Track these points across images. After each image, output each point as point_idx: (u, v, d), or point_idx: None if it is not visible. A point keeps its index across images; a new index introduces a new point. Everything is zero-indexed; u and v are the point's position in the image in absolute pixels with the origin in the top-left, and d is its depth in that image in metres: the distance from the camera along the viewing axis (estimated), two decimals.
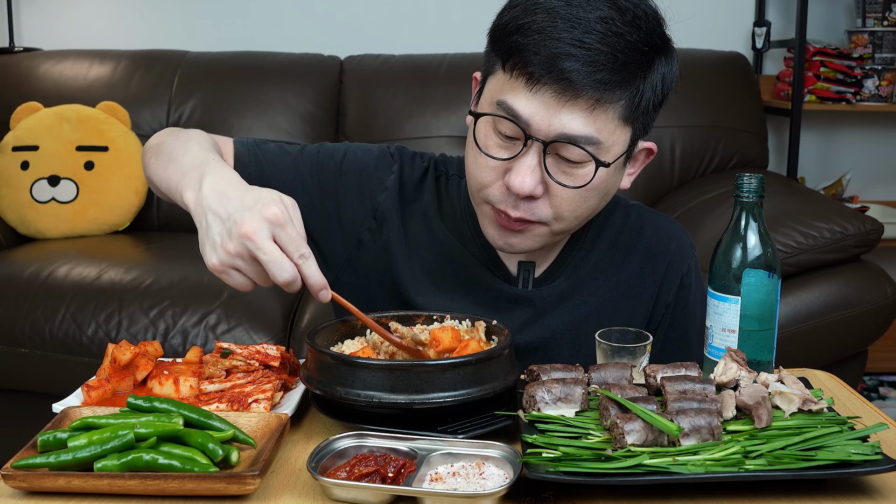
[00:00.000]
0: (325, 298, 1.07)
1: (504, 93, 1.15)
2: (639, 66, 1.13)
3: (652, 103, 1.18)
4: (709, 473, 0.91)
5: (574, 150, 1.14)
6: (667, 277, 1.38)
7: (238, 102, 3.18)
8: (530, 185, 1.15)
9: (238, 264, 1.03)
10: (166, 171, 1.21)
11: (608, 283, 1.36)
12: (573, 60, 1.09)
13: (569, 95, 1.11)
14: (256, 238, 1.01)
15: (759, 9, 3.54)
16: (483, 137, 1.19)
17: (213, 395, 1.13)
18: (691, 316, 1.40)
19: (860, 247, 2.45)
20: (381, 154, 1.38)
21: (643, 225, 1.39)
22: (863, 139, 3.70)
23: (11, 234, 3.00)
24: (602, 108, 1.13)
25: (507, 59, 1.15)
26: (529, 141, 1.14)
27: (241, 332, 2.40)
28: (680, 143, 3.10)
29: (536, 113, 1.12)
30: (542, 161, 1.15)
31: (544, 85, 1.11)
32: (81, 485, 0.92)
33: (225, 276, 1.05)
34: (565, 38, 1.10)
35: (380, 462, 0.95)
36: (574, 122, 1.12)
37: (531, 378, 1.12)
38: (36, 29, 3.60)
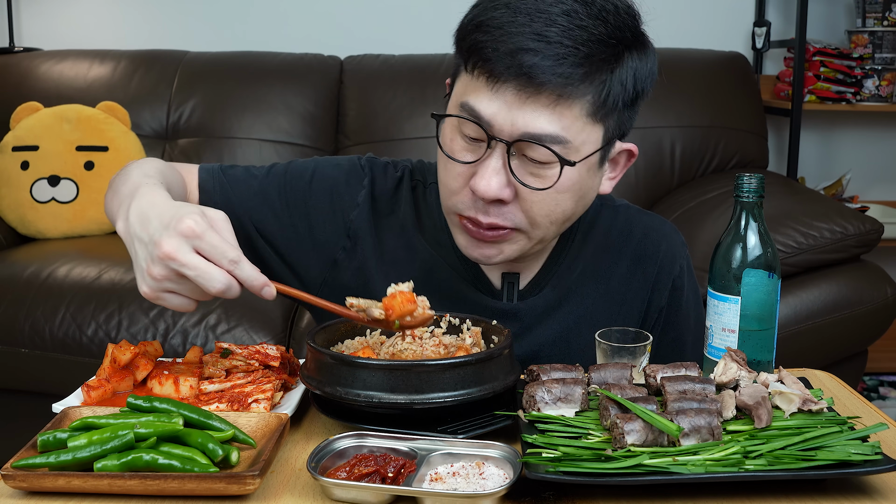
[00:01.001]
0: (270, 295, 1.02)
1: (467, 94, 1.12)
2: (604, 59, 1.09)
3: (622, 100, 1.13)
4: (709, 473, 0.91)
5: (539, 149, 1.10)
6: (658, 281, 1.35)
7: (238, 102, 3.18)
8: (495, 187, 1.11)
9: (168, 286, 1.01)
10: (110, 205, 1.18)
11: (597, 290, 1.33)
12: (533, 54, 1.05)
13: (530, 91, 1.07)
14: (177, 255, 0.97)
15: (759, 9, 3.54)
16: (448, 142, 1.15)
17: (213, 395, 1.13)
18: (684, 317, 1.38)
19: (860, 247, 2.45)
20: (350, 168, 1.33)
21: (631, 227, 1.35)
22: (863, 139, 3.70)
23: (11, 234, 3.00)
24: (566, 103, 1.08)
25: (468, 58, 1.11)
26: (493, 142, 1.10)
27: (241, 332, 2.40)
28: (680, 143, 3.10)
29: (498, 112, 1.09)
30: (507, 163, 1.11)
31: (505, 82, 1.07)
32: (81, 485, 0.92)
33: (160, 301, 1.02)
34: (525, 32, 1.06)
35: (380, 462, 0.95)
36: (538, 120, 1.08)
37: (531, 378, 1.12)
38: (36, 29, 3.60)
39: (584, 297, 1.33)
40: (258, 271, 1.01)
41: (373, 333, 1.21)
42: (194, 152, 3.14)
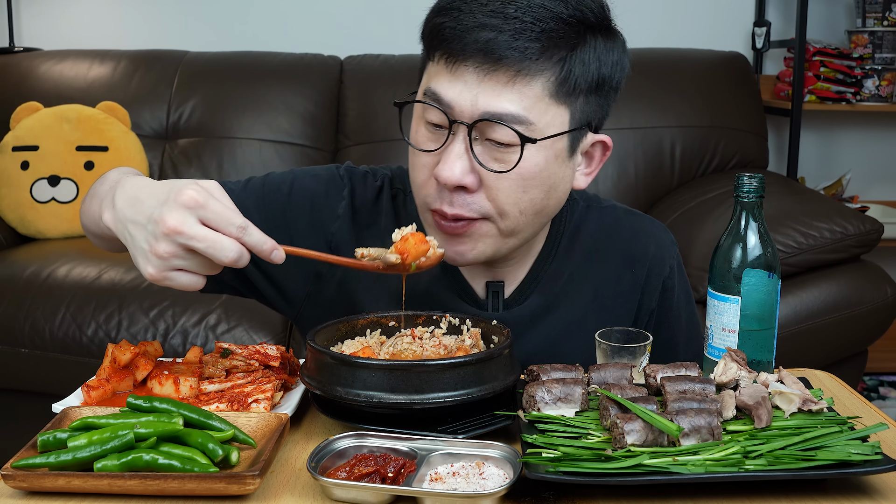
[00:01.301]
0: (280, 258, 1.01)
1: (430, 80, 1.11)
2: (563, 37, 1.09)
3: (585, 82, 1.12)
4: (709, 473, 0.91)
5: (501, 130, 1.08)
6: (648, 284, 1.32)
7: (238, 102, 3.18)
8: (458, 173, 1.09)
9: (176, 264, 0.98)
10: (90, 208, 1.15)
11: (585, 295, 1.30)
12: (488, 30, 1.05)
13: (486, 68, 1.06)
14: (184, 228, 0.94)
15: (759, 9, 3.54)
16: (414, 133, 1.15)
17: (213, 395, 1.13)
18: (675, 318, 1.36)
19: (860, 247, 2.45)
20: (329, 179, 1.30)
21: (619, 228, 1.33)
22: (863, 139, 3.70)
23: (11, 234, 3.00)
24: (524, 80, 1.07)
25: (429, 45, 1.12)
26: (454, 125, 1.09)
27: (241, 332, 2.40)
28: (680, 143, 3.10)
29: (459, 93, 1.08)
30: (469, 147, 1.09)
31: (463, 61, 1.07)
32: (81, 485, 0.92)
33: (167, 281, 0.98)
34: (482, 10, 1.06)
35: (380, 462, 0.95)
36: (498, 99, 1.07)
37: (531, 378, 1.12)
38: (36, 29, 3.60)
39: (571, 303, 1.30)
40: (264, 235, 0.99)
41: (373, 334, 1.21)
42: (194, 152, 3.14)
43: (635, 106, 3.11)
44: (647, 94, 3.12)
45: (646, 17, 3.55)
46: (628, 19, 3.79)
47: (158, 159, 3.16)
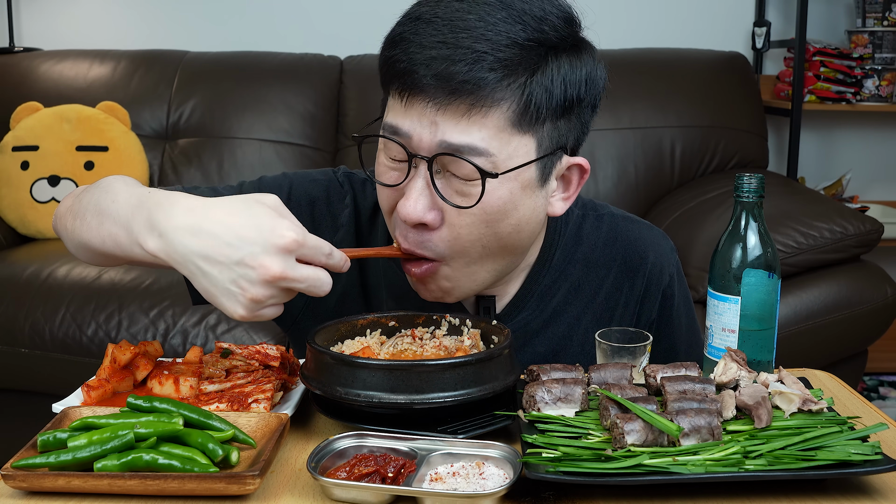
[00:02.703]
0: (347, 266, 1.00)
1: (388, 115, 1.07)
2: (521, 63, 1.02)
3: (548, 108, 1.04)
4: (709, 473, 0.91)
5: (461, 164, 1.03)
6: (647, 294, 1.29)
7: (238, 102, 3.18)
8: (420, 209, 1.04)
9: (271, 303, 0.95)
10: (101, 228, 1.04)
11: (583, 308, 1.27)
12: (442, 61, 1.00)
13: (441, 101, 1.01)
14: (288, 273, 0.92)
15: (759, 9, 3.54)
16: (377, 165, 1.11)
17: (213, 395, 1.13)
18: (676, 326, 1.34)
19: (860, 247, 2.45)
20: (329, 184, 1.26)
21: (616, 237, 1.28)
22: (863, 139, 3.70)
23: (11, 234, 3.00)
24: (481, 111, 1.01)
25: (384, 77, 1.07)
26: (414, 160, 1.04)
27: (241, 332, 2.40)
28: (680, 143, 3.10)
29: (415, 128, 1.03)
30: (430, 181, 1.04)
31: (418, 94, 1.02)
32: (81, 485, 0.92)
33: (258, 319, 0.97)
34: (434, 42, 1.01)
35: (380, 462, 0.95)
36: (454, 130, 1.02)
37: (531, 378, 1.12)
38: (36, 29, 3.60)
39: (569, 316, 1.26)
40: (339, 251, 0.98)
41: (373, 334, 1.21)
42: (194, 152, 3.14)
43: (635, 106, 3.11)
44: (647, 94, 3.13)
45: (646, 17, 3.55)
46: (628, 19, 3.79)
47: (158, 159, 3.16)
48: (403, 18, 1.06)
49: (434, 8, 1.03)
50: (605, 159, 3.06)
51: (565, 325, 1.27)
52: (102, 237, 1.04)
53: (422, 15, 1.03)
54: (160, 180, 3.14)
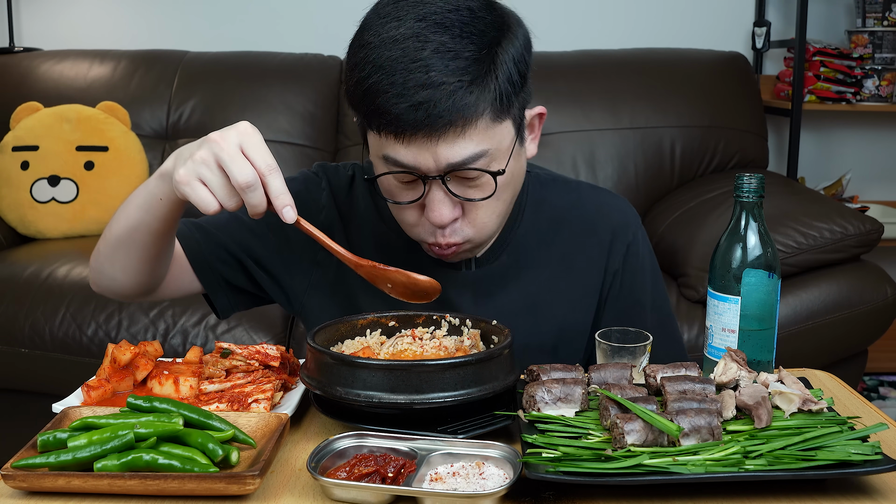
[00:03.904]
0: (290, 217, 1.07)
1: (384, 148, 1.17)
2: (486, 72, 1.14)
3: (514, 90, 1.18)
4: (709, 473, 0.91)
5: (469, 171, 1.16)
6: (612, 247, 1.38)
7: (238, 102, 3.18)
8: (448, 214, 1.19)
9: (202, 172, 1.05)
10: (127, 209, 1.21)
11: (553, 257, 1.37)
12: (427, 105, 1.11)
13: (437, 132, 1.13)
14: (222, 141, 1.04)
15: (759, 9, 3.54)
16: (388, 190, 1.22)
17: (213, 395, 1.13)
18: (640, 283, 1.40)
19: (860, 247, 2.45)
20: (305, 178, 1.40)
21: (583, 201, 1.41)
22: (862, 139, 3.70)
23: (11, 234, 3.00)
24: (471, 127, 1.14)
25: (369, 123, 1.17)
26: (427, 180, 1.17)
27: (241, 332, 2.40)
28: (680, 143, 3.10)
29: (418, 157, 1.15)
30: (447, 191, 1.18)
31: (412, 134, 1.13)
32: (81, 485, 0.92)
33: (188, 188, 1.05)
34: (410, 86, 1.11)
35: (380, 462, 0.95)
36: (454, 150, 1.14)
37: (531, 378, 1.12)
38: (36, 29, 3.60)
39: (541, 264, 1.37)
40: (287, 191, 1.06)
41: (373, 334, 1.21)
42: None
43: (635, 106, 3.11)
44: (647, 94, 3.12)
45: (646, 17, 3.55)
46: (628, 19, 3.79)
47: (158, 159, 3.15)
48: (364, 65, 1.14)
49: (389, 52, 1.13)
50: (605, 159, 3.06)
51: (538, 274, 1.37)
52: (129, 213, 1.20)
53: (384, 65, 1.12)
54: None
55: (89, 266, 1.33)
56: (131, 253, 1.23)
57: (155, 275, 1.29)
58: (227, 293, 1.38)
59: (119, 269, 1.26)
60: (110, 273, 1.28)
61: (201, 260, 1.35)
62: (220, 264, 1.35)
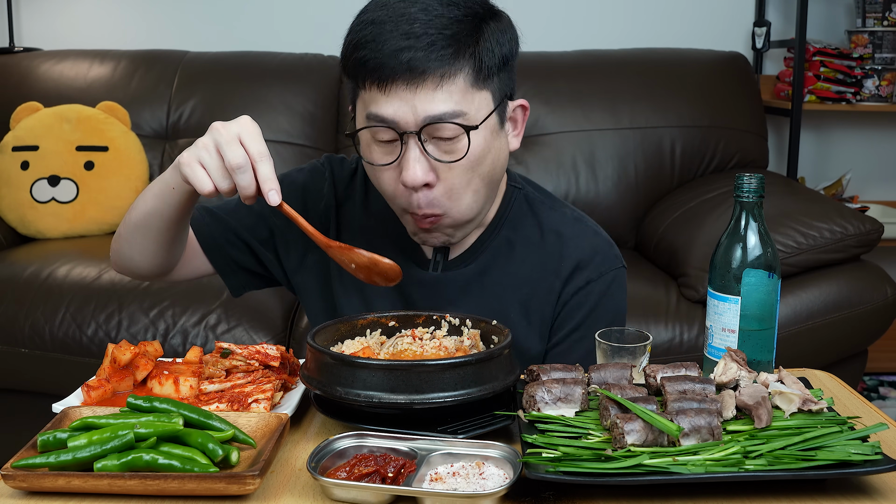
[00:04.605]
0: (274, 201, 1.13)
1: (368, 106, 1.23)
2: (467, 34, 1.22)
3: (496, 65, 1.25)
4: (709, 473, 0.91)
5: (445, 127, 1.21)
6: (572, 277, 1.36)
7: (238, 102, 3.17)
8: (420, 173, 1.22)
9: (202, 154, 1.13)
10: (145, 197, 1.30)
11: (519, 278, 1.37)
12: (408, 51, 1.19)
13: (416, 81, 1.20)
14: (222, 129, 1.13)
15: (759, 9, 3.54)
16: (368, 153, 1.27)
17: (213, 395, 1.13)
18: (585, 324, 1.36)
19: (860, 247, 2.45)
20: (312, 168, 1.47)
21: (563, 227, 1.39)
22: (863, 139, 3.70)
23: (11, 234, 3.00)
24: (449, 81, 1.21)
25: (356, 76, 1.24)
26: (405, 136, 1.22)
27: (241, 332, 2.40)
28: (680, 143, 3.10)
29: (398, 109, 1.21)
30: (422, 150, 1.22)
31: (393, 82, 1.20)
32: (81, 485, 0.92)
33: (188, 168, 1.14)
34: (395, 37, 1.20)
35: (380, 462, 0.95)
36: (432, 104, 1.20)
37: (531, 378, 1.12)
38: (36, 29, 3.60)
39: (506, 281, 1.37)
40: (275, 177, 1.14)
41: (373, 334, 1.22)
42: None
43: (635, 106, 3.10)
44: (647, 94, 3.12)
45: (646, 17, 3.55)
46: (628, 19, 3.80)
47: (158, 159, 3.15)
48: (358, 26, 1.25)
49: (381, 12, 1.23)
50: (605, 159, 3.06)
51: (498, 287, 1.38)
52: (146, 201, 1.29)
53: (375, 19, 1.22)
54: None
55: (111, 248, 1.43)
56: (148, 237, 1.32)
57: (170, 257, 1.37)
58: (236, 273, 1.46)
59: (137, 251, 1.35)
60: (129, 255, 1.37)
61: (211, 243, 1.43)
62: (229, 246, 1.43)
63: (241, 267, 1.45)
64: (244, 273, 1.46)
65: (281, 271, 1.46)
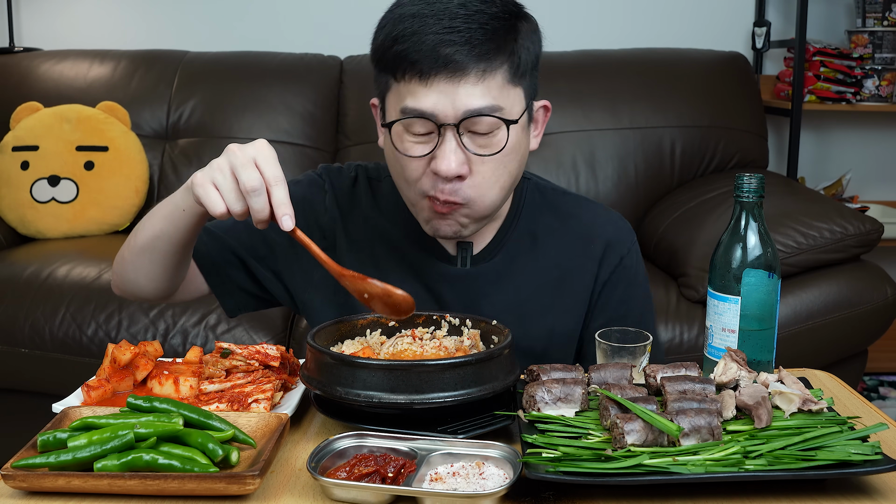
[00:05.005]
0: (287, 226, 1.11)
1: (404, 99, 1.24)
2: (506, 31, 1.24)
3: (529, 63, 1.28)
4: (709, 473, 0.91)
5: (483, 120, 1.22)
6: (605, 257, 1.41)
7: (238, 102, 3.17)
8: (456, 165, 1.23)
9: (216, 176, 1.12)
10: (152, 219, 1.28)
11: (546, 264, 1.40)
12: (450, 45, 1.20)
13: (458, 75, 1.21)
14: (238, 151, 1.11)
15: (759, 9, 3.54)
16: (399, 143, 1.27)
17: (213, 395, 1.13)
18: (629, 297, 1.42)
19: (860, 247, 2.45)
20: (309, 182, 1.46)
21: (579, 210, 1.44)
22: (863, 139, 3.70)
23: (11, 234, 3.00)
24: (489, 77, 1.22)
25: (395, 69, 1.24)
26: (443, 128, 1.22)
27: (241, 332, 2.40)
28: (680, 143, 3.10)
29: (438, 102, 1.21)
30: (460, 142, 1.23)
31: (435, 75, 1.21)
32: (81, 485, 0.92)
33: (201, 189, 1.12)
34: (437, 30, 1.21)
35: (380, 462, 0.95)
36: (472, 98, 1.21)
37: (531, 378, 1.12)
38: (36, 29, 3.60)
39: (534, 268, 1.40)
40: (289, 202, 1.12)
41: (373, 334, 1.21)
42: (194, 152, 3.14)
43: (635, 106, 3.10)
44: (647, 94, 3.12)
45: (646, 17, 3.55)
46: (628, 19, 3.79)
47: (158, 159, 3.15)
48: (396, 19, 1.24)
49: (419, 6, 1.23)
50: (605, 159, 3.06)
51: (530, 277, 1.40)
52: (153, 223, 1.28)
53: (415, 13, 1.23)
54: (160, 180, 3.14)
55: (112, 270, 1.41)
56: (154, 261, 1.30)
57: (174, 281, 1.35)
58: (232, 294, 1.44)
59: (142, 275, 1.33)
60: (133, 278, 1.35)
61: (209, 262, 1.41)
62: (227, 266, 1.41)
63: (239, 287, 1.43)
64: (241, 293, 1.44)
65: (282, 289, 1.43)
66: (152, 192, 3.12)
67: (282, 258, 1.41)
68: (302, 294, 1.42)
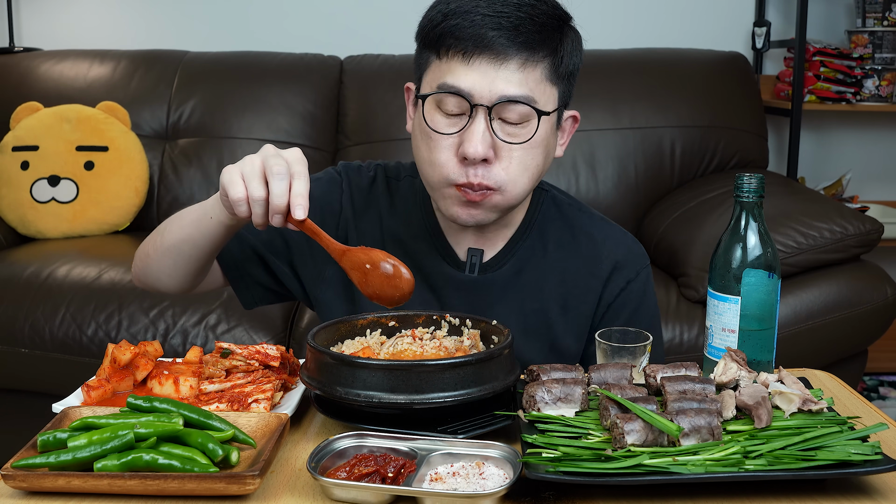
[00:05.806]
0: (299, 215, 1.12)
1: (443, 75, 1.25)
2: (553, 29, 1.27)
3: (569, 68, 1.31)
4: (709, 473, 0.91)
5: (515, 108, 1.24)
6: (611, 279, 1.40)
7: (238, 102, 3.17)
8: (483, 148, 1.24)
9: (245, 166, 1.14)
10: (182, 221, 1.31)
11: (555, 278, 1.40)
12: (497, 29, 1.23)
13: (500, 60, 1.23)
14: (271, 148, 1.16)
15: (759, 9, 3.54)
16: (431, 120, 1.28)
17: (213, 395, 1.13)
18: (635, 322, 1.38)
19: (860, 247, 2.45)
20: (329, 179, 1.46)
21: (593, 228, 1.44)
22: (862, 139, 3.70)
23: (11, 234, 3.00)
24: (530, 67, 1.24)
25: (440, 45, 1.26)
26: (475, 109, 1.24)
27: (241, 332, 2.40)
28: (680, 143, 3.10)
29: (477, 82, 1.23)
30: (489, 126, 1.24)
31: (478, 56, 1.23)
32: (81, 485, 0.92)
33: (227, 176, 1.14)
34: (487, 13, 1.23)
35: (380, 462, 0.95)
36: (510, 84, 1.23)
37: (531, 378, 1.12)
38: (36, 29, 3.60)
39: (542, 282, 1.39)
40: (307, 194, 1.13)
41: (373, 334, 1.21)
42: (194, 152, 3.14)
43: (635, 106, 3.10)
44: (647, 94, 3.12)
45: (646, 17, 3.55)
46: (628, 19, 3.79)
47: (158, 159, 3.15)
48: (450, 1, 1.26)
49: None
50: (605, 159, 3.06)
51: (538, 291, 1.40)
52: (182, 226, 1.30)
53: None
54: (160, 180, 3.14)
55: (133, 262, 1.44)
56: (178, 262, 1.34)
57: (196, 281, 1.39)
58: (250, 288, 1.46)
59: (165, 274, 1.37)
60: (156, 275, 1.39)
61: (229, 257, 1.43)
62: (246, 261, 1.43)
63: (257, 281, 1.45)
64: (259, 287, 1.46)
65: (297, 285, 1.45)
66: (152, 192, 3.12)
67: (297, 253, 1.43)
68: (314, 289, 1.43)
